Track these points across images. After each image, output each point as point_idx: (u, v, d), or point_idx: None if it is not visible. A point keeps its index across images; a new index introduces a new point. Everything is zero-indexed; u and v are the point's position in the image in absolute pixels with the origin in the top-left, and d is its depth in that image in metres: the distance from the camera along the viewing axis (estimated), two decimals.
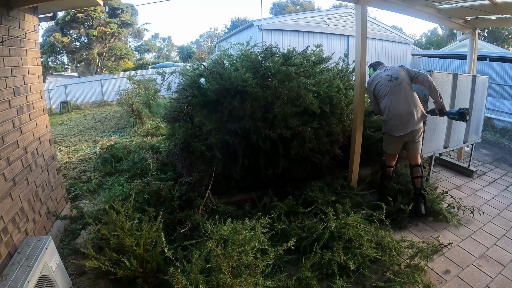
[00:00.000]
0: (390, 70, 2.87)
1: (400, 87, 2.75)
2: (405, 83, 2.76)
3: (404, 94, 2.73)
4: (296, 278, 1.93)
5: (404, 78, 2.77)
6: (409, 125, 2.70)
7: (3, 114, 2.00)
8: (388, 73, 2.84)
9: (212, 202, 2.70)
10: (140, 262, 1.83)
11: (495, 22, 4.02)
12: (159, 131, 6.21)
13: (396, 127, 2.75)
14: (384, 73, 2.88)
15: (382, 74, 2.89)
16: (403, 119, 2.71)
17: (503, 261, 2.25)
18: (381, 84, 2.84)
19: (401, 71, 2.82)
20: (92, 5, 2.95)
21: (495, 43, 18.95)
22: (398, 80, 2.76)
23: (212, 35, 38.76)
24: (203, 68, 2.89)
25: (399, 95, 2.74)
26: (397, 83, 2.76)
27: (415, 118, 2.70)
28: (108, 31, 16.27)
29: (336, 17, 11.58)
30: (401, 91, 2.74)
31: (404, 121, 2.71)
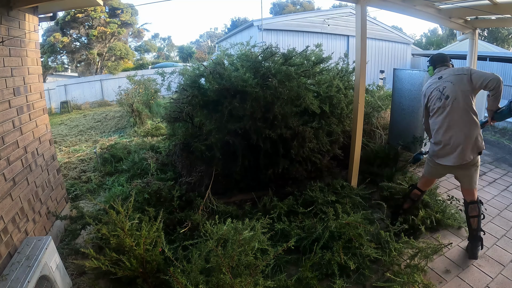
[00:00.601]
0: (444, 81, 2.25)
1: (451, 110, 2.17)
2: (458, 104, 2.15)
3: (455, 120, 2.17)
4: (296, 278, 1.93)
5: (459, 95, 2.15)
6: (455, 157, 2.19)
7: (3, 114, 2.00)
8: (440, 87, 2.25)
9: (212, 202, 2.70)
10: (140, 262, 1.83)
11: (495, 22, 4.02)
12: (159, 131, 6.21)
13: (440, 155, 2.28)
14: (438, 84, 2.29)
15: (436, 85, 2.30)
16: (448, 149, 2.22)
17: (503, 261, 2.25)
18: (432, 100, 2.31)
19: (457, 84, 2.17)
20: (92, 5, 2.95)
21: (495, 43, 18.96)
22: (449, 100, 2.18)
23: (212, 35, 38.77)
24: (203, 68, 2.89)
25: (449, 120, 2.20)
26: (448, 104, 2.18)
27: (466, 150, 2.15)
28: (108, 31, 16.27)
29: (336, 17, 11.58)
30: (452, 115, 2.18)
31: (449, 152, 2.22)
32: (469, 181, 2.27)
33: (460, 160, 2.18)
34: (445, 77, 2.27)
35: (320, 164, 3.01)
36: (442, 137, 2.24)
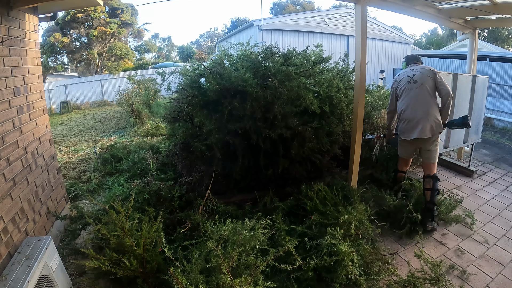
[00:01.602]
0: (414, 71, 2.72)
1: (417, 91, 2.61)
2: (425, 88, 2.60)
3: (419, 99, 2.60)
4: (296, 278, 1.93)
5: (426, 82, 2.60)
6: (417, 131, 2.59)
7: (3, 114, 2.00)
8: (410, 74, 2.71)
9: (212, 202, 2.70)
10: (140, 262, 1.84)
11: (495, 22, 4.02)
12: (159, 131, 6.21)
13: (405, 130, 2.69)
14: (409, 72, 2.75)
15: (406, 73, 2.77)
16: (412, 123, 2.62)
17: (503, 261, 2.25)
18: (402, 84, 2.74)
19: (426, 75, 2.64)
20: (92, 5, 2.95)
21: (495, 43, 18.96)
22: (417, 84, 2.63)
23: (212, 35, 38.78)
24: (203, 68, 2.89)
25: (414, 99, 2.63)
26: (415, 87, 2.63)
27: (426, 126, 2.57)
28: (108, 31, 16.26)
29: (336, 17, 11.57)
30: (417, 95, 2.61)
31: (413, 126, 2.62)
32: (429, 156, 2.69)
33: (421, 134, 2.58)
34: (416, 68, 2.75)
35: (320, 164, 3.01)
36: (407, 114, 2.65)
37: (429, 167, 2.70)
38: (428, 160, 2.71)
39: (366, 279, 1.91)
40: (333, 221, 2.25)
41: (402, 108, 2.71)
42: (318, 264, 1.92)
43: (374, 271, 2.04)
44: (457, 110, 3.50)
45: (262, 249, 1.82)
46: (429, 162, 2.70)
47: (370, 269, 2.06)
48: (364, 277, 1.91)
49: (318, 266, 1.94)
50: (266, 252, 1.76)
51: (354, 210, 2.32)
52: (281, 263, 1.79)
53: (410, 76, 2.69)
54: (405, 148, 2.84)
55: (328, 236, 1.99)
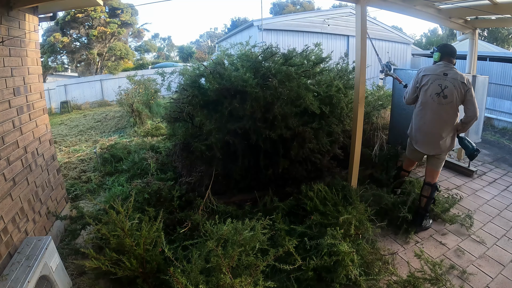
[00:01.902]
0: (447, 81, 2.38)
1: (444, 108, 2.41)
2: (451, 107, 2.39)
3: (443, 117, 2.43)
4: (296, 278, 1.93)
5: (455, 99, 2.37)
6: (431, 148, 2.53)
7: (3, 114, 2.00)
8: (442, 84, 2.39)
9: (212, 202, 2.70)
10: (140, 262, 1.84)
11: (495, 22, 4.02)
12: (159, 131, 6.21)
13: (418, 140, 2.60)
14: (440, 79, 2.41)
15: (437, 78, 2.42)
16: (427, 138, 2.52)
17: (503, 261, 2.25)
18: (429, 89, 2.44)
19: (458, 91, 2.36)
20: (92, 5, 2.95)
21: (495, 43, 18.96)
22: (446, 100, 2.38)
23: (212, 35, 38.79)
24: (204, 68, 2.89)
25: (438, 116, 2.44)
26: (443, 102, 2.40)
27: (439, 144, 2.49)
28: (108, 31, 16.27)
29: (336, 17, 11.57)
30: (442, 112, 2.42)
31: (427, 141, 2.53)
32: (435, 163, 2.61)
33: (432, 151, 2.55)
34: (450, 76, 2.39)
35: (320, 164, 3.01)
36: (426, 127, 2.52)
37: (431, 174, 2.62)
38: (433, 167, 2.61)
39: (366, 279, 1.91)
40: (333, 221, 2.25)
41: (422, 116, 2.53)
42: (318, 264, 1.93)
43: (374, 271, 2.04)
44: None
45: (262, 249, 1.82)
46: (433, 169, 2.62)
47: (370, 269, 2.06)
48: (364, 277, 1.91)
49: (318, 266, 1.94)
50: (266, 252, 1.76)
51: (354, 210, 2.32)
52: (281, 263, 1.79)
53: (441, 87, 2.39)
54: (413, 153, 2.76)
55: (328, 236, 1.99)
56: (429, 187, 2.58)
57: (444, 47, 2.55)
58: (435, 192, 2.60)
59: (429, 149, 2.53)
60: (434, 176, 2.61)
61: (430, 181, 2.60)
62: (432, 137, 2.49)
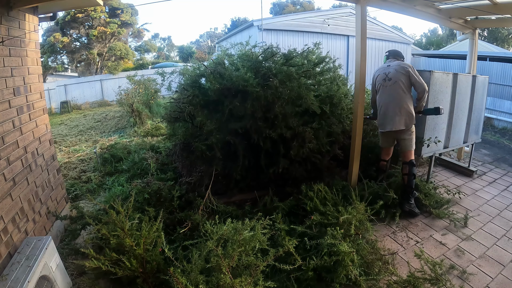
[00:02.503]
0: (390, 68, 2.92)
1: (391, 88, 2.86)
2: (398, 85, 2.83)
3: (393, 96, 2.85)
4: (296, 278, 1.93)
5: (399, 80, 2.82)
6: (392, 124, 2.86)
7: (3, 114, 2.00)
8: (386, 71, 2.93)
9: (212, 202, 2.70)
10: (140, 262, 1.83)
11: (495, 22, 4.02)
12: (159, 131, 6.21)
13: (381, 123, 2.98)
14: (385, 69, 2.96)
15: (382, 70, 2.98)
16: (387, 117, 2.90)
17: (503, 261, 2.25)
18: (378, 80, 2.99)
19: (400, 72, 2.84)
20: (92, 5, 2.95)
21: (495, 43, 18.95)
22: (391, 81, 2.87)
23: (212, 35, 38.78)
24: (204, 68, 2.89)
25: (389, 95, 2.88)
26: (390, 84, 2.87)
27: (398, 120, 2.83)
28: (108, 31, 16.26)
29: (336, 17, 11.57)
30: (391, 92, 2.86)
31: (387, 120, 2.89)
32: (405, 144, 2.92)
33: (394, 127, 2.84)
34: (392, 65, 2.95)
35: (320, 164, 3.01)
36: (383, 109, 2.94)
37: (405, 154, 2.94)
38: (404, 148, 2.94)
39: (366, 279, 1.91)
40: (333, 221, 2.25)
41: (379, 103, 2.99)
42: (318, 264, 1.92)
43: (374, 271, 2.04)
44: (457, 110, 3.50)
45: (262, 249, 1.82)
46: (405, 150, 2.94)
47: (370, 269, 2.06)
48: (364, 277, 1.91)
49: (318, 266, 1.94)
50: (266, 252, 1.76)
51: (354, 210, 2.32)
52: (281, 263, 1.79)
53: (386, 74, 2.92)
54: (383, 139, 3.11)
55: (328, 236, 1.99)
56: (406, 165, 2.89)
57: (390, 51, 3.16)
58: (413, 168, 2.86)
59: (390, 126, 2.86)
60: (408, 155, 2.92)
61: (406, 160, 2.92)
62: (388, 115, 2.87)
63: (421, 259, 2.03)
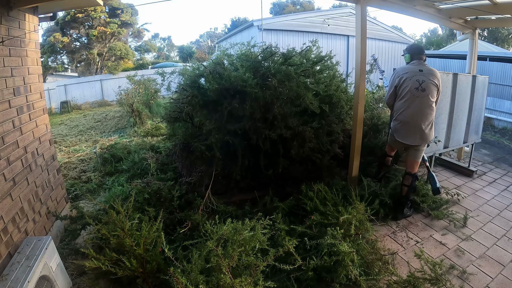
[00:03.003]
0: (424, 75, 2.63)
1: (423, 100, 2.61)
2: (429, 99, 2.60)
3: (422, 110, 2.61)
4: (296, 278, 1.93)
5: (431, 92, 2.60)
6: (411, 139, 2.68)
7: (3, 114, 2.00)
8: (419, 79, 2.62)
9: (212, 202, 2.70)
10: (140, 262, 1.84)
11: (495, 22, 4.02)
12: (159, 131, 6.21)
13: (401, 133, 2.73)
14: (417, 75, 2.64)
15: (414, 74, 2.65)
16: (410, 131, 2.67)
17: (503, 261, 2.25)
18: (407, 85, 2.65)
19: (432, 84, 2.61)
20: (92, 5, 2.95)
21: (495, 43, 18.94)
22: (425, 93, 2.59)
23: (212, 35, 38.77)
24: (203, 68, 2.89)
25: (418, 108, 2.61)
26: (422, 95, 2.60)
27: (421, 136, 2.65)
28: (108, 31, 16.27)
29: (336, 17, 11.57)
30: (422, 104, 2.61)
31: (410, 133, 2.67)
32: (414, 155, 2.76)
33: (414, 142, 2.68)
34: (425, 72, 2.67)
35: (320, 163, 3.01)
36: (406, 120, 2.68)
37: (412, 165, 2.78)
38: (412, 158, 2.77)
39: (366, 279, 1.91)
40: (333, 221, 2.25)
41: (402, 110, 2.69)
42: (318, 264, 1.92)
43: (374, 271, 2.04)
44: (457, 110, 3.50)
45: (262, 249, 1.82)
46: (413, 160, 2.77)
47: (370, 269, 2.06)
48: (364, 277, 1.91)
49: (318, 266, 1.94)
50: (266, 252, 1.76)
51: (354, 210, 2.32)
52: (281, 263, 1.79)
53: (419, 82, 2.61)
54: (395, 143, 2.89)
55: (328, 236, 1.99)
56: (409, 177, 2.75)
57: (412, 48, 2.86)
58: (415, 182, 2.77)
59: (412, 140, 2.67)
60: (415, 166, 2.77)
61: (411, 171, 2.76)
62: (414, 129, 2.65)
63: (421, 259, 2.03)
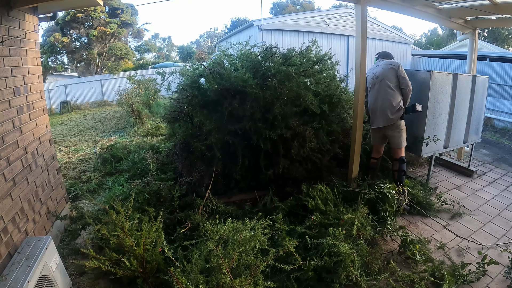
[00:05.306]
0: (378, 67, 3.06)
1: (379, 86, 3.00)
2: (385, 82, 2.96)
3: (380, 92, 2.99)
4: (296, 279, 1.93)
5: (386, 77, 2.95)
6: (380, 120, 2.99)
7: (3, 114, 2.00)
8: (374, 71, 3.07)
9: (212, 202, 2.70)
10: (140, 262, 1.83)
11: (495, 22, 4.02)
12: (159, 131, 6.21)
13: (371, 120, 3.12)
14: (374, 69, 3.10)
15: (372, 70, 3.13)
16: (375, 114, 3.04)
17: (503, 261, 2.25)
18: (368, 80, 3.12)
19: (386, 70, 2.96)
20: (92, 5, 2.95)
21: (495, 43, 18.95)
22: (378, 79, 3.01)
23: (212, 35, 38.75)
24: (203, 68, 2.89)
25: (377, 93, 3.03)
26: (377, 81, 3.02)
27: (386, 115, 2.94)
28: (108, 31, 16.26)
29: (336, 17, 11.56)
30: (379, 89, 3.00)
31: (376, 116, 3.03)
32: (395, 142, 3.03)
33: (384, 122, 2.96)
34: (380, 64, 3.10)
35: (320, 163, 3.01)
36: (371, 106, 3.09)
37: (395, 151, 3.06)
38: (394, 146, 3.05)
39: (366, 280, 1.91)
40: (334, 221, 2.25)
41: (369, 101, 3.14)
42: (319, 264, 1.93)
43: (374, 271, 2.04)
44: (457, 110, 3.50)
45: (262, 249, 1.82)
46: (395, 147, 3.04)
47: (370, 269, 2.06)
48: (364, 278, 1.91)
49: (318, 266, 1.94)
50: (266, 252, 1.76)
51: (357, 212, 2.32)
52: (281, 263, 1.79)
53: (374, 73, 3.07)
54: (374, 135, 3.20)
55: (329, 237, 1.99)
56: (396, 162, 3.02)
57: (380, 53, 3.30)
58: (403, 165, 2.98)
59: (378, 121, 3.01)
60: (398, 152, 3.03)
61: (396, 156, 3.04)
62: (376, 111, 3.02)
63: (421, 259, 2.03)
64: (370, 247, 2.26)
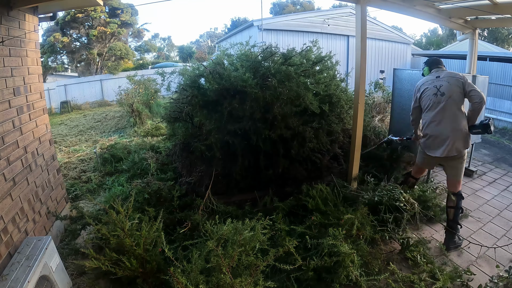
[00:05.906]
0: (441, 80, 2.44)
1: (445, 106, 2.36)
2: (452, 101, 2.35)
3: (447, 114, 2.36)
4: (296, 278, 1.93)
5: (453, 94, 2.35)
6: (447, 149, 2.35)
7: (3, 114, 2.00)
8: (437, 84, 2.44)
9: (212, 202, 2.70)
10: (140, 262, 1.84)
11: (495, 22, 4.02)
12: (159, 131, 6.21)
13: (430, 146, 2.47)
14: (434, 82, 2.47)
15: (432, 82, 2.48)
16: (438, 141, 2.40)
17: (503, 261, 2.25)
18: (427, 94, 2.48)
19: (453, 85, 2.37)
20: (92, 5, 2.95)
21: (495, 43, 18.95)
22: (444, 97, 2.37)
23: (212, 35, 38.74)
24: (203, 68, 2.89)
25: (442, 113, 2.38)
26: (443, 100, 2.37)
27: (453, 144, 2.34)
28: (108, 31, 16.26)
29: (336, 17, 11.56)
30: (445, 110, 2.37)
31: (438, 143, 2.40)
32: (455, 173, 2.46)
33: (448, 152, 2.36)
34: (442, 76, 2.47)
35: (320, 163, 3.01)
36: (433, 130, 2.43)
37: (453, 184, 2.48)
38: (453, 178, 2.48)
39: (366, 280, 1.91)
40: (334, 221, 2.25)
41: (427, 121, 2.47)
42: (318, 264, 1.93)
43: (374, 271, 2.04)
44: None
45: (262, 249, 1.82)
46: (454, 179, 2.48)
47: (370, 269, 2.06)
48: (364, 278, 1.91)
49: (318, 266, 1.94)
50: (266, 252, 1.76)
51: (357, 212, 2.32)
52: (281, 263, 1.79)
53: (437, 87, 2.42)
54: (426, 160, 2.62)
55: (329, 237, 1.99)
56: (453, 196, 2.46)
57: (429, 61, 2.69)
58: (461, 201, 2.46)
59: (442, 151, 2.37)
60: (457, 185, 2.47)
61: (454, 190, 2.48)
62: (441, 138, 2.38)
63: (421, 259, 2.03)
64: (370, 247, 2.26)
